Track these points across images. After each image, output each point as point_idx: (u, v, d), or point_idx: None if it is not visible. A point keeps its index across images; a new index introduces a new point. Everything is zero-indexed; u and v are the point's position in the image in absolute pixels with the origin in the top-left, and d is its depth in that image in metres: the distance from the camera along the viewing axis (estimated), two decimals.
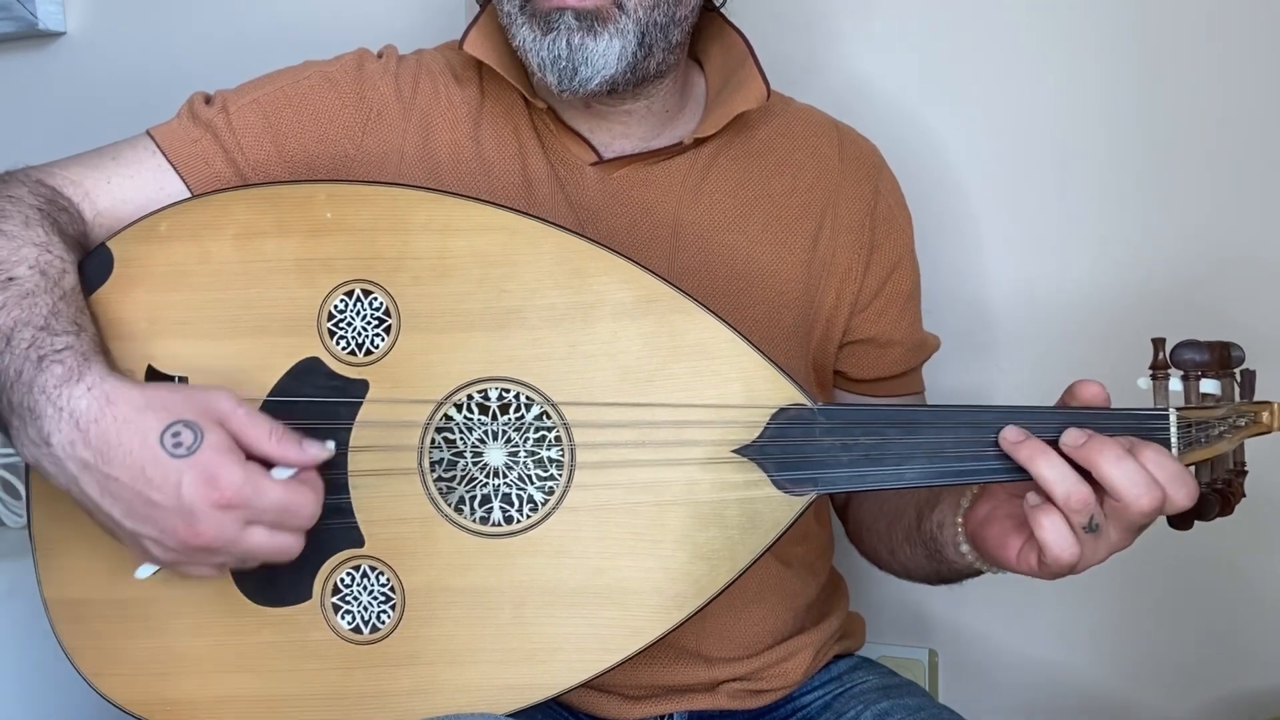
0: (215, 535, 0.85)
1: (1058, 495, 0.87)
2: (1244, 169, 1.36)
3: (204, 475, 0.84)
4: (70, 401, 0.85)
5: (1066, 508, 0.87)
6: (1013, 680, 1.51)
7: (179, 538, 0.85)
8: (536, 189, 1.11)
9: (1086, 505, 0.87)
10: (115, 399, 0.85)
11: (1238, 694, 1.41)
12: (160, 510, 0.85)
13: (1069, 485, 0.87)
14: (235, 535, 0.86)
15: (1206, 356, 0.93)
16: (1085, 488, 0.87)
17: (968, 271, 1.47)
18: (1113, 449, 0.87)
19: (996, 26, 1.43)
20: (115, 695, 0.95)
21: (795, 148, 1.18)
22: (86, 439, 0.84)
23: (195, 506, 0.84)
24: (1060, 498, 0.87)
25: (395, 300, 0.95)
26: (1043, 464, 0.88)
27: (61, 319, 0.89)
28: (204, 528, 0.84)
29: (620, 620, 0.94)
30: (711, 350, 0.94)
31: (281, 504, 0.86)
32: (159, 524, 0.85)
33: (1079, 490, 0.87)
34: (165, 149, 1.07)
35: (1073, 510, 0.87)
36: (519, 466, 0.96)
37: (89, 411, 0.85)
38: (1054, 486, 0.87)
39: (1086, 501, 0.87)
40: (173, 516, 0.84)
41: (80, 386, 0.85)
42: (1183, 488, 0.87)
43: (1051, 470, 0.88)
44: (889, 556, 1.15)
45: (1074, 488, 0.87)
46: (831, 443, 0.93)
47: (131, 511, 0.85)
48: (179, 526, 0.85)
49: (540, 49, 1.03)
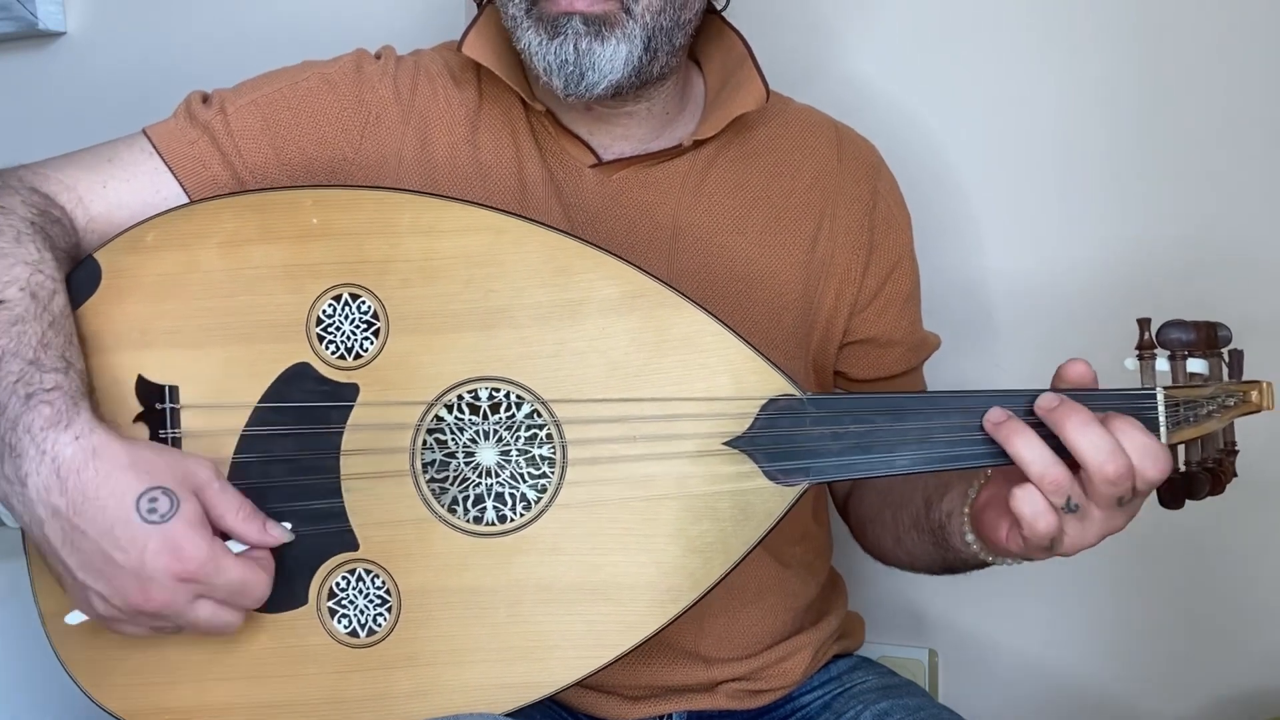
0: (165, 603, 0.86)
1: (1032, 474, 0.87)
2: (1241, 166, 1.36)
3: (170, 545, 0.85)
4: (55, 447, 0.85)
5: (1042, 486, 0.87)
6: (1013, 680, 1.50)
7: (129, 599, 0.86)
8: (531, 193, 1.11)
9: (1060, 486, 0.87)
10: (101, 453, 0.85)
11: (1238, 694, 1.40)
12: (118, 570, 0.85)
13: (1044, 465, 0.87)
14: (183, 607, 0.87)
15: (1193, 336, 0.93)
16: (1061, 468, 0.87)
17: (967, 269, 1.47)
18: (1080, 414, 0.87)
19: (996, 26, 1.44)
20: (114, 706, 0.95)
21: (794, 148, 1.18)
22: (64, 487, 0.85)
23: (155, 574, 0.85)
24: (1035, 476, 0.87)
25: (383, 303, 0.95)
26: (1019, 443, 0.88)
27: (50, 353, 0.88)
28: (156, 594, 0.85)
29: (616, 616, 0.94)
30: (699, 343, 0.95)
31: (237, 582, 0.88)
32: (112, 583, 0.86)
33: (1053, 470, 0.87)
34: (162, 151, 1.06)
35: (1048, 490, 0.87)
36: (511, 465, 0.96)
37: (72, 461, 0.85)
38: (1029, 466, 0.88)
39: (1060, 482, 0.87)
40: (129, 578, 0.85)
41: (68, 434, 0.85)
42: (1152, 460, 0.87)
43: (1028, 450, 0.88)
44: (894, 545, 1.14)
45: (1049, 468, 0.87)
46: (821, 432, 0.93)
47: (88, 565, 0.86)
48: (132, 589, 0.85)
49: (547, 53, 1.03)
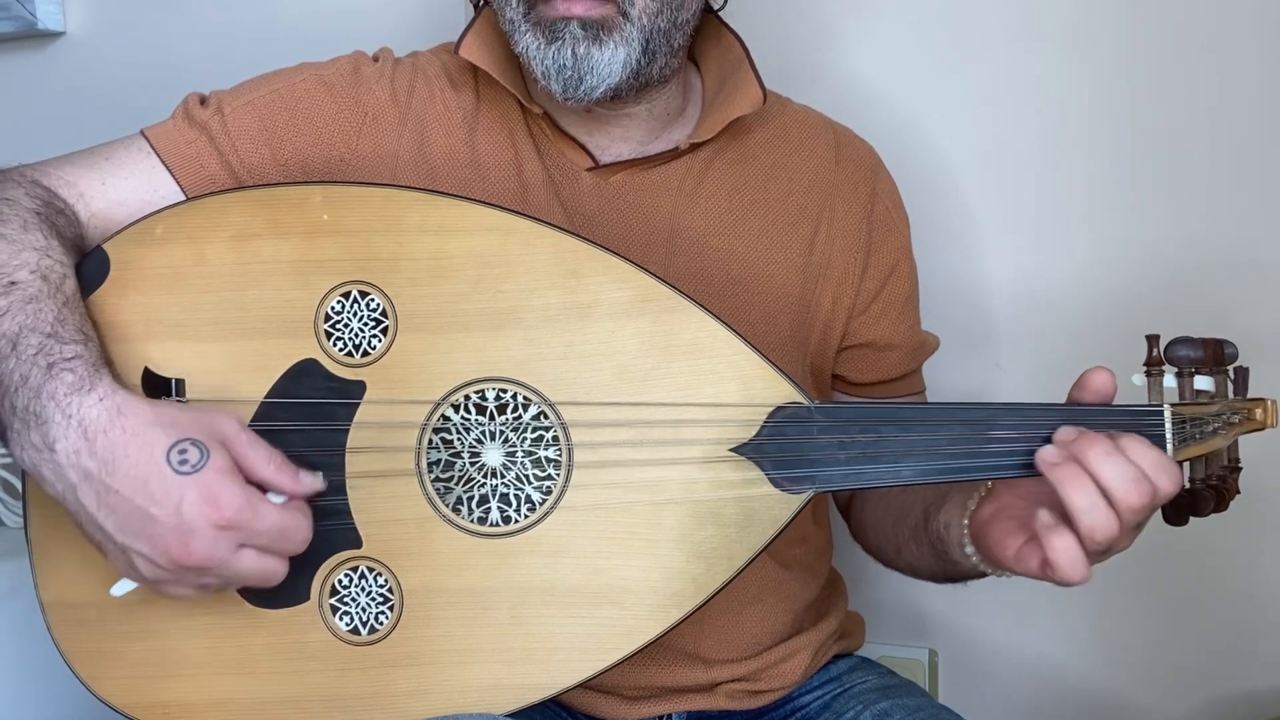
0: (208, 555, 0.85)
1: (1081, 526, 0.85)
2: (1240, 169, 1.36)
3: (206, 494, 0.84)
4: (80, 410, 0.85)
5: (1089, 539, 0.85)
6: (1013, 680, 1.51)
7: (171, 555, 0.85)
8: (531, 194, 1.10)
9: (1108, 539, 0.85)
10: (126, 411, 0.85)
11: (1238, 694, 1.41)
12: (157, 525, 0.84)
13: (1098, 517, 0.85)
14: (227, 556, 0.86)
15: (1200, 353, 0.93)
16: (1114, 523, 0.85)
17: (967, 272, 1.47)
18: (1102, 444, 0.86)
19: (996, 28, 1.43)
20: (112, 698, 0.95)
21: (791, 150, 1.17)
22: (92, 448, 0.84)
23: (194, 524, 0.84)
24: (1085, 529, 0.85)
25: (392, 301, 0.95)
26: (1076, 491, 0.85)
27: (68, 326, 0.88)
28: (198, 546, 0.84)
29: (618, 620, 0.94)
30: (708, 349, 0.94)
31: (277, 527, 0.87)
32: (153, 540, 0.85)
33: (1106, 524, 0.85)
34: (160, 150, 1.07)
35: (1095, 542, 0.85)
36: (516, 466, 0.96)
37: (99, 421, 0.85)
38: (1080, 516, 0.85)
39: (1110, 535, 0.85)
40: (169, 533, 0.84)
41: (92, 396, 0.85)
42: (1166, 475, 0.86)
43: (1084, 498, 0.85)
44: (894, 554, 1.15)
45: (1102, 521, 0.85)
46: (828, 441, 0.93)
47: (126, 525, 0.85)
48: (173, 543, 0.84)
49: (545, 58, 1.02)
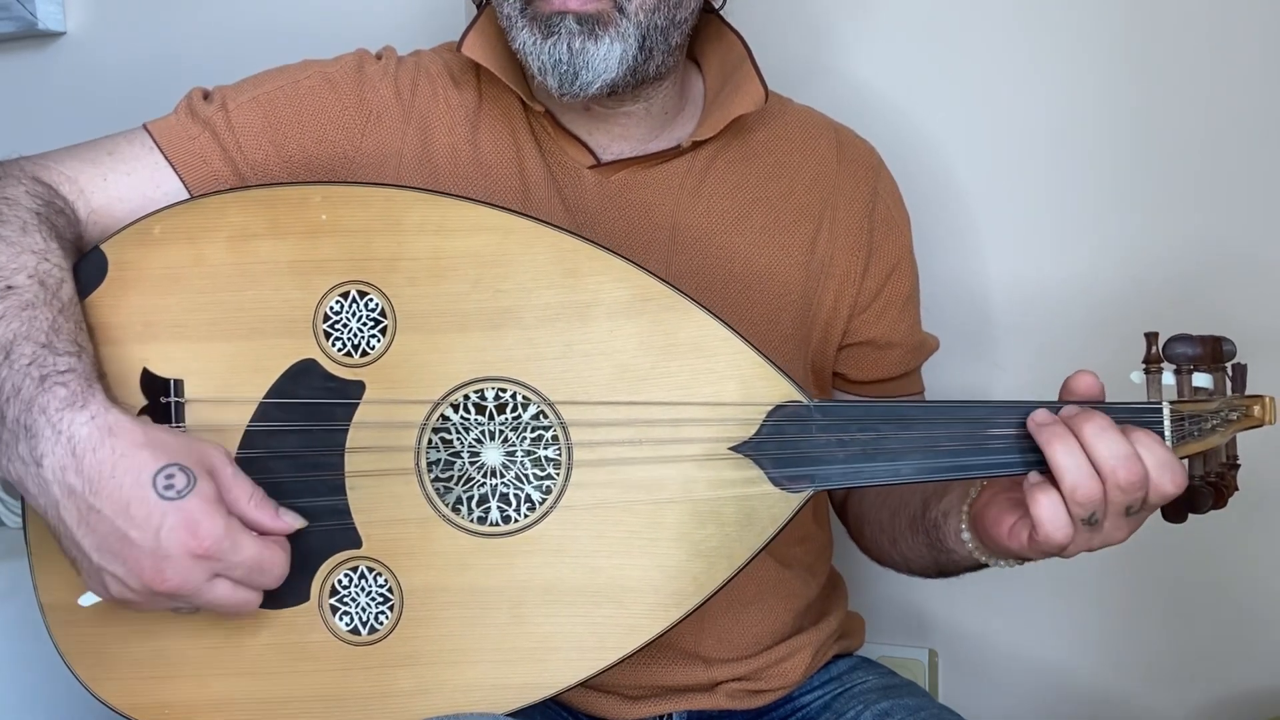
0: (181, 582, 0.85)
1: (1064, 484, 0.86)
2: (1239, 168, 1.36)
3: (186, 521, 0.84)
4: (71, 427, 0.84)
5: (1071, 498, 0.86)
6: (1013, 680, 1.51)
7: (144, 579, 0.85)
8: (533, 192, 1.10)
9: (1090, 502, 0.86)
10: (117, 432, 0.85)
11: (1238, 694, 1.41)
12: (134, 549, 0.84)
13: (1077, 477, 0.86)
14: (200, 585, 0.86)
15: (1199, 350, 0.93)
16: (1095, 483, 0.86)
17: (967, 271, 1.47)
18: (1099, 420, 0.87)
19: (997, 29, 1.43)
20: (112, 699, 0.95)
21: (793, 149, 1.18)
22: (79, 466, 0.84)
23: (170, 551, 0.84)
24: (1066, 487, 0.86)
25: (391, 301, 0.95)
26: (1059, 449, 0.87)
27: (63, 337, 0.88)
28: (172, 573, 0.84)
29: (618, 619, 0.94)
30: (707, 348, 0.94)
31: (254, 560, 0.87)
32: (128, 563, 0.85)
33: (1087, 484, 0.86)
34: (163, 146, 1.06)
35: (1078, 501, 0.86)
36: (516, 466, 0.96)
37: (89, 440, 0.84)
38: (1063, 475, 0.86)
39: (1092, 498, 0.86)
40: (144, 557, 0.84)
41: (84, 414, 0.85)
42: (1170, 475, 0.87)
43: (1066, 458, 0.87)
44: (890, 547, 1.15)
45: (1084, 480, 0.86)
46: (828, 439, 0.93)
47: (104, 545, 0.85)
48: (147, 568, 0.84)
49: (541, 53, 1.03)
